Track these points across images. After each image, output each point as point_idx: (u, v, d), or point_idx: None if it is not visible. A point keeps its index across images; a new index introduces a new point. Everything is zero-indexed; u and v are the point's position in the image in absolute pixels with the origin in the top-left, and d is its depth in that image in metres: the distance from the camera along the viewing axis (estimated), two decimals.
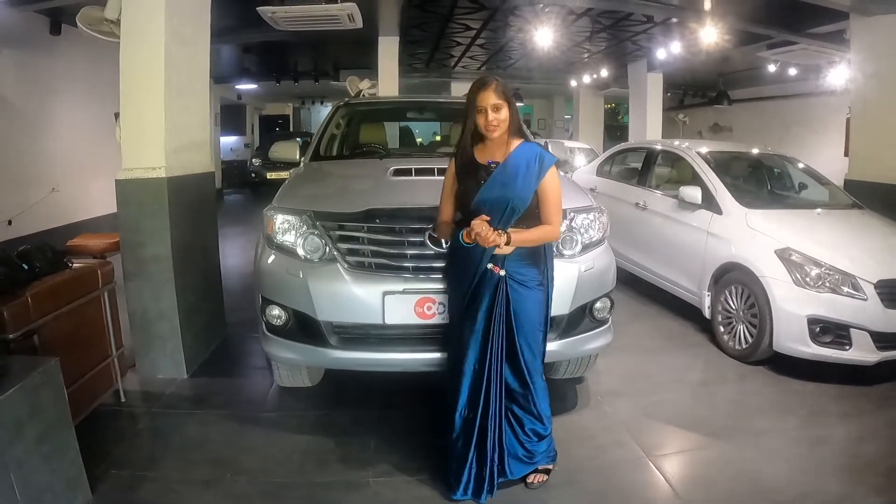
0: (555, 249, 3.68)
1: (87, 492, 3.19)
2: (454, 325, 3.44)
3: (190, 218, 5.00)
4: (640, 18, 10.27)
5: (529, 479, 3.40)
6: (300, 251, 3.78)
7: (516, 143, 3.27)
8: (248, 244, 4.19)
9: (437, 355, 3.69)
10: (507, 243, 3.12)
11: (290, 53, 14.34)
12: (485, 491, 3.23)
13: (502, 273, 3.20)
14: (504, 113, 3.17)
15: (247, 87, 19.10)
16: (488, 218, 3.10)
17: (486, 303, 3.23)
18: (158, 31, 4.58)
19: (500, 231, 3.11)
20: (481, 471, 3.24)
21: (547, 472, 3.46)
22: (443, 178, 3.48)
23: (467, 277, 3.27)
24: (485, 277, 3.23)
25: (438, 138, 9.05)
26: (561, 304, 3.74)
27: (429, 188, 3.82)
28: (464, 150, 3.34)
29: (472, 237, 3.07)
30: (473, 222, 3.08)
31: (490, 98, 3.14)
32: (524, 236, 3.18)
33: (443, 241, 3.57)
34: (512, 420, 3.35)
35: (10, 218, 8.04)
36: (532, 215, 3.24)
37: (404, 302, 3.61)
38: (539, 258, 3.32)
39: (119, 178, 4.66)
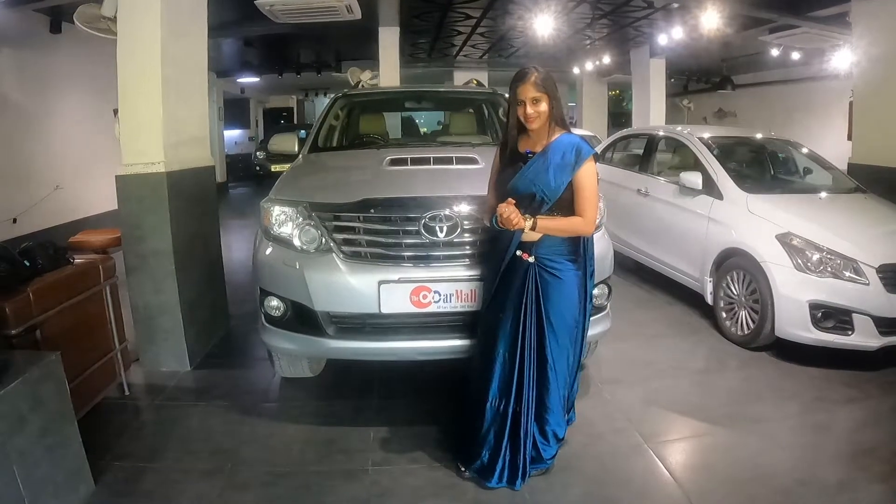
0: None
1: (90, 483, 3.23)
2: (484, 311, 3.45)
3: (190, 212, 5.02)
4: (641, 4, 10.22)
5: None
6: (296, 242, 3.80)
7: (557, 134, 3.25)
8: (252, 237, 4.23)
9: (433, 344, 3.71)
10: (533, 229, 3.12)
11: (291, 46, 14.35)
12: (519, 478, 3.26)
13: (531, 260, 3.20)
14: (543, 106, 3.16)
15: (250, 80, 19.12)
16: (513, 201, 3.10)
17: (514, 290, 3.23)
18: (154, 26, 4.59)
19: (526, 216, 3.10)
20: (515, 458, 3.27)
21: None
22: (440, 167, 3.49)
23: (496, 264, 3.29)
24: (513, 264, 3.24)
25: (441, 128, 9.05)
26: None
27: (424, 177, 3.83)
28: (508, 140, 3.35)
29: (501, 222, 3.09)
30: (500, 205, 3.09)
31: (529, 91, 3.15)
32: (551, 224, 3.16)
33: (437, 229, 3.60)
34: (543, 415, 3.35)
35: (14, 216, 8.08)
36: (568, 206, 3.21)
37: (400, 291, 3.62)
38: (576, 249, 3.28)
39: (119, 174, 4.69)
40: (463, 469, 3.38)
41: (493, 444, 3.30)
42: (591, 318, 3.96)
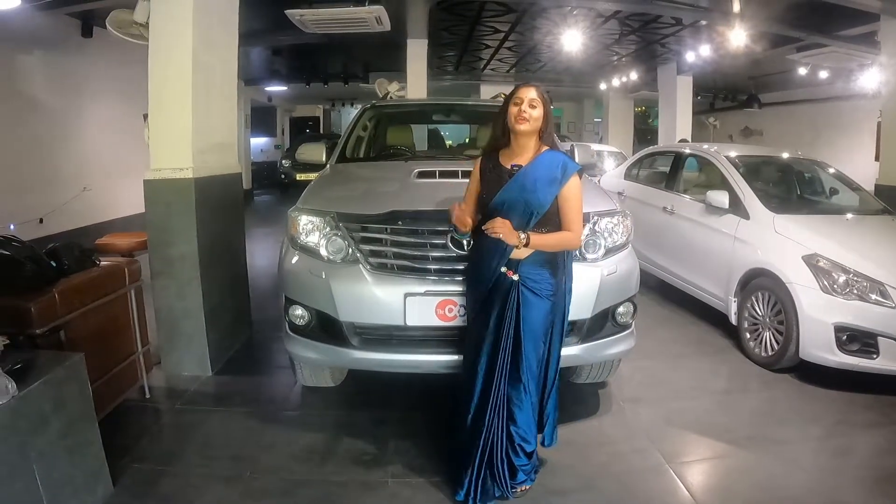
0: (576, 255, 3.66)
1: (108, 484, 3.24)
2: (469, 328, 3.44)
3: (216, 218, 5.06)
4: (669, 21, 10.22)
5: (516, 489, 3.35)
6: (323, 252, 3.81)
7: (544, 149, 3.26)
8: (276, 244, 4.26)
9: (457, 357, 3.68)
10: (526, 245, 3.11)
11: (319, 56, 14.45)
12: (491, 499, 3.22)
13: (515, 278, 3.19)
14: (538, 112, 3.18)
15: (277, 88, 19.27)
16: (504, 221, 3.09)
17: (497, 307, 3.22)
18: (186, 34, 4.65)
19: (518, 232, 3.11)
20: (486, 480, 3.22)
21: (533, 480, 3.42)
22: (467, 181, 3.48)
23: (483, 280, 3.27)
24: (499, 281, 3.22)
25: (468, 141, 9.06)
26: (583, 309, 3.74)
27: (452, 191, 3.83)
28: (490, 151, 3.36)
29: (494, 232, 3.07)
30: (490, 223, 3.09)
31: (530, 93, 3.19)
32: (543, 240, 3.16)
33: (464, 243, 3.58)
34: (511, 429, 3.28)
35: (41, 216, 8.17)
36: (552, 222, 3.22)
37: (426, 304, 3.62)
38: (556, 266, 3.29)
39: (147, 178, 4.73)
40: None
41: (467, 459, 3.25)
42: (616, 337, 3.96)
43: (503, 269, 3.20)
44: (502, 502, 3.26)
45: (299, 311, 3.87)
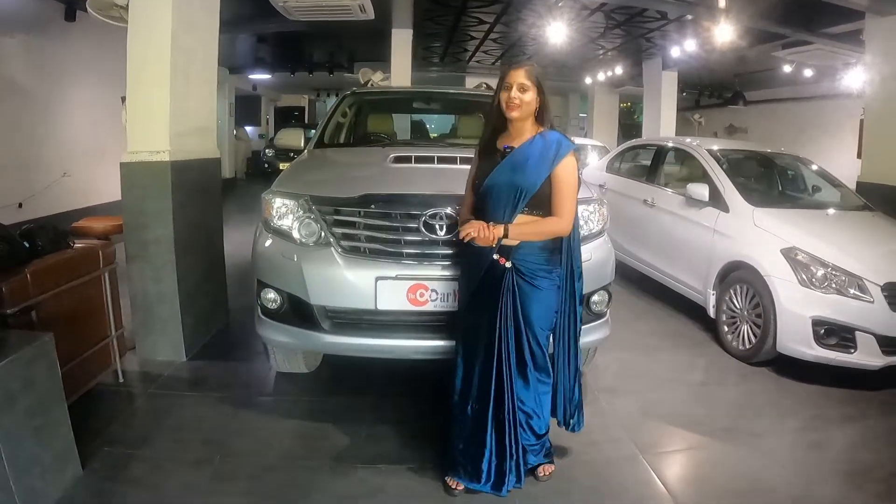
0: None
1: (77, 466, 3.22)
2: (462, 315, 3.37)
3: (193, 202, 5.01)
4: (654, 15, 10.26)
5: (539, 472, 3.38)
6: (296, 235, 3.78)
7: (540, 130, 3.17)
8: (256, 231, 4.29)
9: (429, 343, 3.67)
10: (505, 236, 3.03)
11: (304, 44, 14.41)
12: (506, 483, 3.18)
13: (507, 265, 3.10)
14: (529, 95, 3.07)
15: (261, 77, 19.14)
16: (476, 224, 3.03)
17: (491, 294, 3.14)
18: (166, 16, 4.59)
19: (496, 225, 3.02)
20: (502, 464, 3.18)
21: (551, 462, 3.43)
22: (443, 166, 3.45)
23: (477, 267, 3.19)
24: (491, 268, 3.13)
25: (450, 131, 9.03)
26: None
27: (427, 175, 3.80)
28: (489, 137, 3.28)
29: (463, 238, 3.02)
30: (464, 227, 3.04)
31: (519, 76, 3.07)
32: (525, 229, 3.07)
33: (436, 227, 3.58)
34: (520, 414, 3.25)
35: (20, 201, 8.09)
36: (546, 204, 3.11)
37: (397, 288, 3.59)
38: (555, 255, 3.19)
39: (123, 161, 4.68)
40: (450, 482, 3.28)
41: (476, 447, 3.20)
42: (591, 325, 3.93)
43: (495, 256, 3.11)
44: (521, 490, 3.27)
45: (271, 294, 3.84)
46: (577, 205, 3.57)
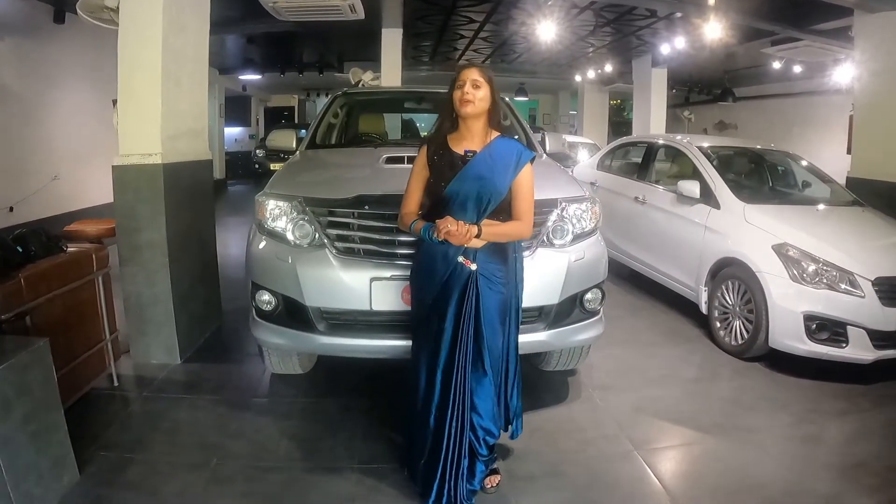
0: (544, 240, 3.73)
1: (74, 472, 3.22)
2: (422, 321, 3.26)
3: (186, 205, 5.01)
4: (644, 13, 10.24)
5: (486, 484, 3.26)
6: (290, 236, 3.79)
7: (494, 135, 3.17)
8: (248, 234, 4.27)
9: None
10: (478, 236, 3.00)
11: (294, 45, 14.34)
12: (462, 499, 3.08)
13: (473, 267, 3.07)
14: (483, 93, 3.07)
15: (251, 77, 19.10)
16: (454, 220, 2.95)
17: (455, 297, 3.09)
18: (156, 18, 4.59)
19: (470, 225, 2.97)
20: (456, 478, 3.08)
21: (497, 472, 3.34)
22: None
23: (438, 271, 3.12)
24: (455, 271, 3.09)
25: None
26: (551, 294, 3.75)
27: None
28: (438, 136, 3.23)
29: (443, 236, 2.94)
30: (439, 222, 2.94)
31: (472, 73, 3.07)
32: (495, 230, 3.07)
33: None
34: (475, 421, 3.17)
35: (11, 205, 8.05)
36: (506, 211, 3.14)
37: (392, 288, 3.61)
38: (506, 257, 3.21)
39: (115, 164, 4.68)
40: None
41: (432, 458, 3.12)
42: (585, 323, 3.96)
43: (460, 259, 3.06)
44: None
45: (266, 296, 3.85)
46: (570, 203, 3.60)
